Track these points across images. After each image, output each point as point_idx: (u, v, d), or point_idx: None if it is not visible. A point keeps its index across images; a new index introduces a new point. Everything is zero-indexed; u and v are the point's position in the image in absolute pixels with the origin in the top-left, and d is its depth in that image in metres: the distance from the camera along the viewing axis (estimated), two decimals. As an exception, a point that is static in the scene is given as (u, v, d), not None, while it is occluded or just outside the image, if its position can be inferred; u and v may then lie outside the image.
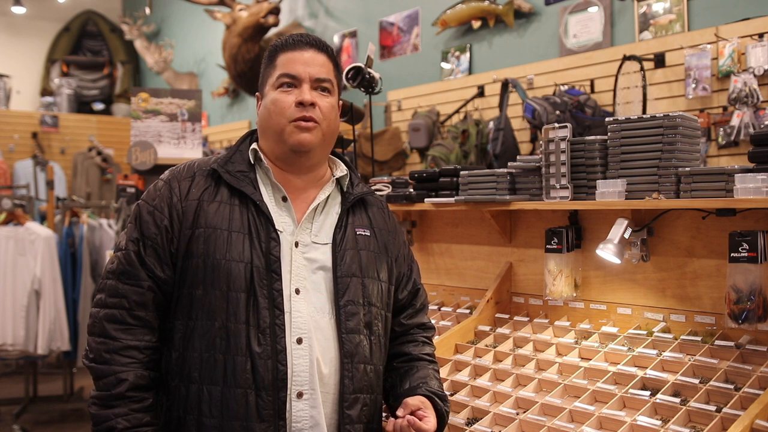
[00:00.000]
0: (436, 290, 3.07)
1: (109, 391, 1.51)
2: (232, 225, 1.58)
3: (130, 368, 1.53)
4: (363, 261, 1.68)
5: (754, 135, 2.07)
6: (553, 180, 2.40)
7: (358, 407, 1.60)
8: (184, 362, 1.55)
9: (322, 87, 1.65)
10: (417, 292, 1.85)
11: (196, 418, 1.52)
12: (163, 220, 1.59)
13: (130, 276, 1.57)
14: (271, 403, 1.51)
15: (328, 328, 1.60)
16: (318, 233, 1.66)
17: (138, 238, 1.59)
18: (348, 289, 1.63)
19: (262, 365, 1.51)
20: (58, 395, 5.63)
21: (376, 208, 1.80)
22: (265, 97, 1.67)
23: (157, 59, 8.92)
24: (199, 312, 1.55)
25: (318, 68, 1.65)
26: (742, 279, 1.98)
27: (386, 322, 1.73)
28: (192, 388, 1.53)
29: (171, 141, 5.06)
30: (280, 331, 1.54)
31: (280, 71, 1.64)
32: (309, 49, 1.66)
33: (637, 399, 1.98)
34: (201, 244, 1.56)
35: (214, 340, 1.53)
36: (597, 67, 4.21)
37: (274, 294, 1.55)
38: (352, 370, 1.60)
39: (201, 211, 1.59)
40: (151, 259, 1.58)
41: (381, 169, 5.18)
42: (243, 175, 1.64)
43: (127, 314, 1.55)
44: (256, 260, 1.56)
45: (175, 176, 1.66)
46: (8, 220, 5.09)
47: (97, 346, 1.54)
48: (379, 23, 6.05)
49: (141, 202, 1.65)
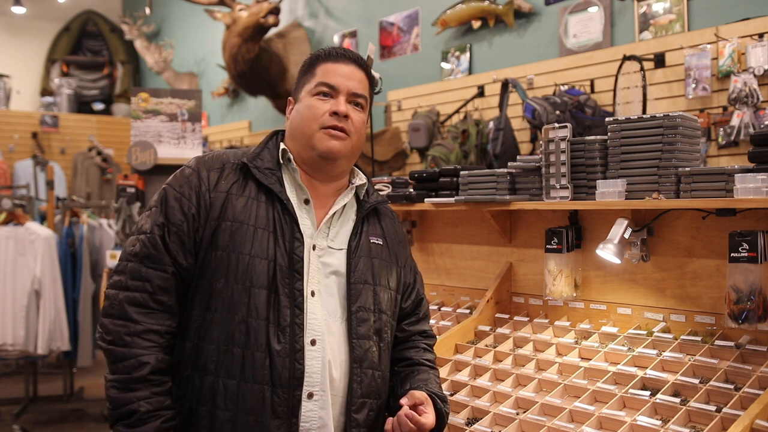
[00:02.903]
0: (436, 290, 3.07)
1: (130, 374, 1.50)
2: (258, 221, 1.59)
3: (151, 351, 1.52)
4: (375, 269, 1.70)
5: (754, 135, 2.07)
6: (553, 180, 2.40)
7: (365, 411, 1.62)
8: (199, 353, 1.54)
9: (357, 102, 1.68)
10: (420, 301, 1.87)
11: (209, 410, 1.52)
12: (191, 209, 1.59)
13: (154, 260, 1.56)
14: (286, 401, 1.52)
15: (340, 333, 1.62)
16: (334, 239, 1.68)
17: (164, 222, 1.58)
18: (360, 296, 1.65)
19: (280, 363, 1.52)
20: (58, 395, 5.63)
21: (389, 219, 1.83)
22: (300, 102, 1.69)
23: (157, 59, 8.92)
24: (219, 304, 1.55)
25: (356, 83, 1.68)
26: (742, 279, 1.98)
27: (393, 330, 1.75)
28: (207, 379, 1.53)
29: (171, 141, 5.06)
30: (298, 330, 1.55)
31: (320, 80, 1.66)
32: (350, 64, 1.69)
33: (637, 399, 1.98)
34: (227, 237, 1.57)
35: (233, 333, 1.53)
36: (597, 67, 4.21)
37: (295, 293, 1.57)
38: (360, 375, 1.61)
39: (229, 204, 1.59)
40: (175, 246, 1.57)
41: (381, 169, 5.18)
42: (271, 173, 1.65)
43: (149, 298, 1.54)
44: (279, 258, 1.57)
45: (204, 165, 1.66)
46: (8, 220, 5.09)
47: (116, 329, 1.52)
48: (379, 23, 6.05)
49: (167, 187, 1.64)
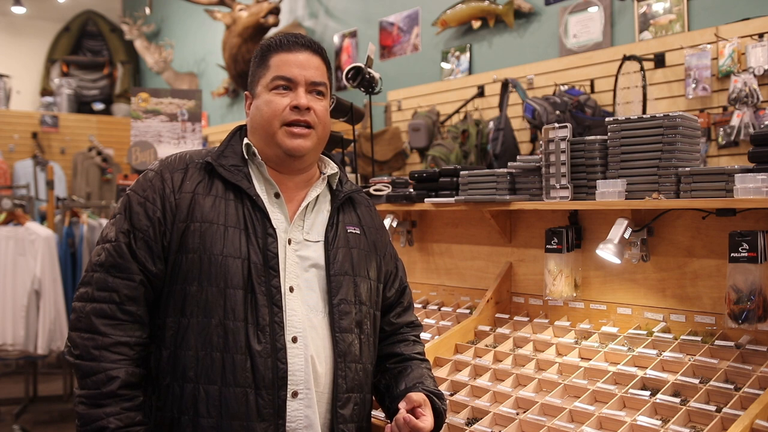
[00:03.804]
0: (436, 290, 3.06)
1: (99, 389, 1.45)
2: (227, 220, 1.54)
3: (120, 365, 1.46)
4: (354, 259, 1.66)
5: (754, 135, 2.07)
6: (553, 180, 2.40)
7: (350, 406, 1.59)
8: (177, 361, 1.49)
9: (317, 90, 1.63)
10: (404, 290, 1.85)
11: (191, 418, 1.48)
12: (156, 212, 1.53)
13: (121, 269, 1.50)
14: (270, 402, 1.48)
15: (322, 327, 1.58)
16: (310, 231, 1.64)
17: (129, 229, 1.52)
18: (341, 288, 1.61)
19: (262, 363, 1.48)
20: (58, 395, 5.64)
21: (364, 207, 1.79)
22: (258, 97, 1.63)
23: (157, 59, 8.92)
24: (194, 309, 1.50)
25: (313, 71, 1.62)
26: (742, 279, 1.98)
27: (375, 321, 1.71)
28: (187, 387, 1.48)
29: (171, 141, 5.07)
30: (279, 328, 1.51)
31: (275, 73, 1.61)
32: (304, 51, 1.63)
33: (637, 399, 1.98)
34: (196, 239, 1.51)
35: (211, 337, 1.48)
36: (597, 67, 4.21)
37: (272, 291, 1.52)
38: (345, 370, 1.58)
39: (195, 204, 1.54)
40: (143, 252, 1.51)
41: (381, 169, 5.18)
42: (237, 170, 1.60)
43: (117, 309, 1.48)
44: (253, 256, 1.52)
45: (167, 167, 1.60)
46: (8, 220, 5.09)
47: (83, 342, 1.47)
48: (379, 23, 6.05)
49: (131, 193, 1.58)
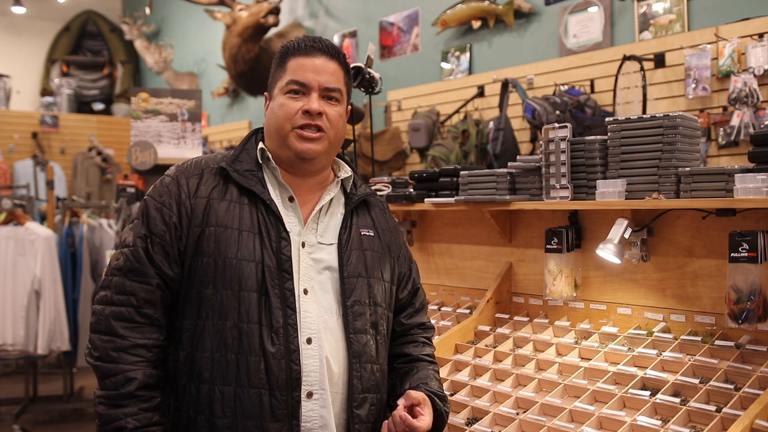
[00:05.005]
0: (436, 290, 3.07)
1: (118, 390, 1.49)
2: (242, 224, 1.57)
3: (138, 367, 1.51)
4: (368, 261, 1.68)
5: (754, 135, 2.07)
6: (553, 180, 2.40)
7: (366, 407, 1.60)
8: (193, 362, 1.53)
9: (331, 96, 1.64)
10: (416, 291, 1.85)
11: (207, 418, 1.51)
12: (172, 217, 1.57)
13: (138, 273, 1.55)
14: (284, 403, 1.51)
15: (337, 328, 1.60)
16: (323, 234, 1.66)
17: (146, 234, 1.56)
18: (354, 290, 1.63)
19: (276, 365, 1.51)
20: (58, 395, 5.63)
21: (378, 209, 1.80)
22: (273, 99, 1.66)
23: (157, 59, 8.92)
24: (210, 311, 1.54)
25: (328, 77, 1.63)
26: (742, 279, 1.98)
27: (389, 322, 1.73)
28: (203, 388, 1.52)
29: (171, 141, 5.06)
30: (292, 330, 1.53)
31: (290, 77, 1.62)
32: (321, 56, 1.64)
33: (637, 399, 1.98)
34: (212, 243, 1.55)
35: (225, 339, 1.52)
36: (597, 67, 4.21)
37: (286, 294, 1.55)
38: (360, 370, 1.60)
39: (210, 209, 1.58)
40: (159, 256, 1.55)
41: (381, 169, 5.18)
42: (251, 174, 1.63)
43: (135, 312, 1.53)
44: (267, 260, 1.55)
45: (183, 172, 1.64)
46: (8, 220, 5.09)
47: (103, 344, 1.51)
48: (379, 23, 6.05)
49: (148, 198, 1.62)
